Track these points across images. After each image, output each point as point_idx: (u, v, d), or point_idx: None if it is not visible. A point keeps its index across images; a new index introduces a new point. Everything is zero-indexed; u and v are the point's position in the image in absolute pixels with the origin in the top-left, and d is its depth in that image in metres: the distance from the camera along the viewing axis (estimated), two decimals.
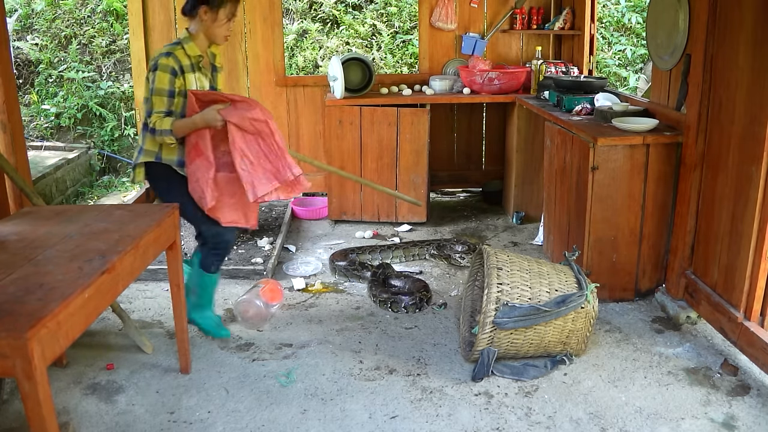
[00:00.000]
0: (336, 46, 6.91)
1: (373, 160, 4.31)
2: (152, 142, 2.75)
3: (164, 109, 2.68)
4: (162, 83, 2.65)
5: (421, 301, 3.22)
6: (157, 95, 2.67)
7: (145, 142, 2.78)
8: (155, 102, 2.67)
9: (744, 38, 2.59)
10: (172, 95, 2.69)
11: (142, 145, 2.79)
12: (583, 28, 4.59)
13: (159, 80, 2.65)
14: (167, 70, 2.66)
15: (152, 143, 2.76)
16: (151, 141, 2.75)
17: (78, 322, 1.74)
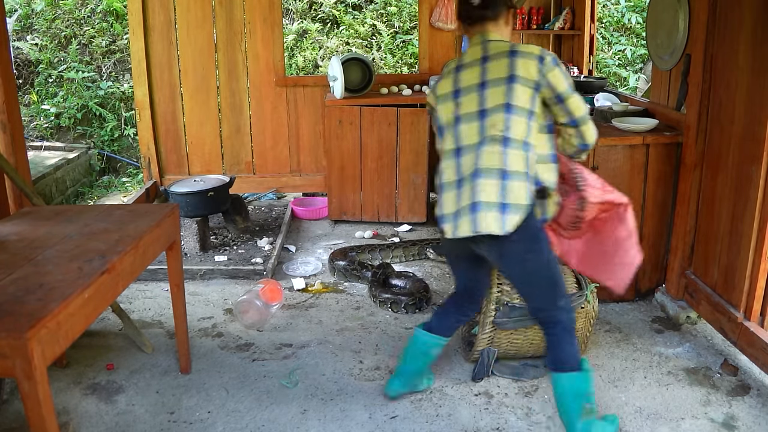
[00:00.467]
0: (336, 46, 6.91)
1: (373, 160, 4.31)
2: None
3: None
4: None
5: (420, 301, 3.22)
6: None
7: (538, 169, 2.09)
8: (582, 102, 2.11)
9: (744, 38, 2.59)
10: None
11: (535, 173, 2.08)
12: (583, 28, 4.59)
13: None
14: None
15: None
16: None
17: (78, 322, 1.74)
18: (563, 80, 2.05)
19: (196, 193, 3.84)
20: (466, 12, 2.15)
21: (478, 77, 2.08)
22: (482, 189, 1.99)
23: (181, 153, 4.83)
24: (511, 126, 2.01)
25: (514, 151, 2.01)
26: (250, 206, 4.70)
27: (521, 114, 2.02)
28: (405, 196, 4.37)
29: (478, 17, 2.13)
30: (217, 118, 4.82)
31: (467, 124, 2.08)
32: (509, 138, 2.00)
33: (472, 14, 2.13)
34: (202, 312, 3.23)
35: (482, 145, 2.02)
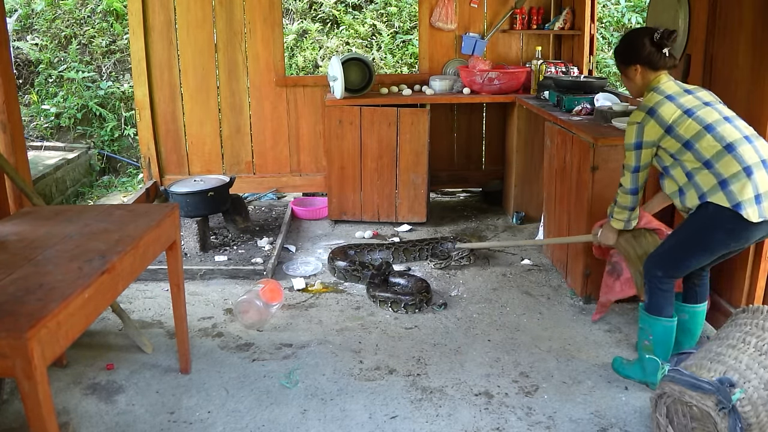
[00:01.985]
0: (336, 46, 6.91)
1: (373, 160, 4.31)
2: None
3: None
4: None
5: (420, 302, 3.21)
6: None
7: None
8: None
9: (744, 38, 2.59)
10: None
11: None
12: (583, 28, 4.59)
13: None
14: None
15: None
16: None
17: (78, 322, 1.74)
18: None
19: (196, 193, 3.84)
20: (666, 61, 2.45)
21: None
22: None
23: (181, 153, 4.83)
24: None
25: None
26: (250, 206, 4.70)
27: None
28: (405, 196, 4.37)
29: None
30: (217, 118, 4.82)
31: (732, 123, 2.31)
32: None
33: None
34: (202, 312, 3.23)
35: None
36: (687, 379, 1.96)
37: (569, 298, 3.35)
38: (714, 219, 2.25)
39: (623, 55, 2.50)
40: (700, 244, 2.35)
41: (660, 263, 2.44)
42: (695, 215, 2.32)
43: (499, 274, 3.67)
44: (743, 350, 2.02)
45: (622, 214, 2.59)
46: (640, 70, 2.45)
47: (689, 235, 2.36)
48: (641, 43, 2.42)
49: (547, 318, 3.15)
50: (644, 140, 2.39)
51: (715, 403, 1.88)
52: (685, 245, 2.38)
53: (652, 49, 2.40)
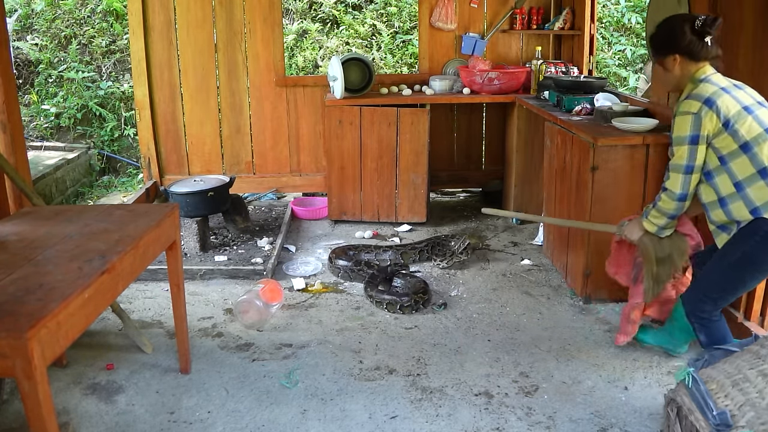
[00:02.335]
0: (336, 46, 6.91)
1: (373, 160, 4.31)
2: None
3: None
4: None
5: (416, 303, 3.21)
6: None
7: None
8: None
9: (744, 40, 2.59)
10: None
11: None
12: (583, 28, 4.59)
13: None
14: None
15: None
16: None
17: (78, 322, 1.74)
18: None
19: (196, 193, 3.84)
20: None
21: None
22: None
23: (181, 153, 4.84)
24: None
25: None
26: (250, 206, 4.70)
27: None
28: (405, 196, 4.37)
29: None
30: (217, 118, 4.82)
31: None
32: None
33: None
34: (202, 312, 3.23)
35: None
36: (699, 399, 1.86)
37: (569, 298, 3.35)
38: (764, 238, 2.06)
39: (661, 43, 2.27)
40: (752, 266, 2.13)
41: (708, 298, 2.25)
42: (745, 235, 2.11)
43: (499, 274, 3.67)
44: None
45: (660, 219, 2.37)
46: (679, 61, 2.23)
47: (738, 259, 2.14)
48: (682, 31, 2.19)
49: (547, 318, 3.15)
50: (701, 134, 2.12)
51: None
52: (735, 270, 2.17)
53: (693, 37, 2.18)
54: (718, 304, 2.25)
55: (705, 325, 2.29)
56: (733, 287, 2.23)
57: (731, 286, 2.22)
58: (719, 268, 2.22)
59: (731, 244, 2.17)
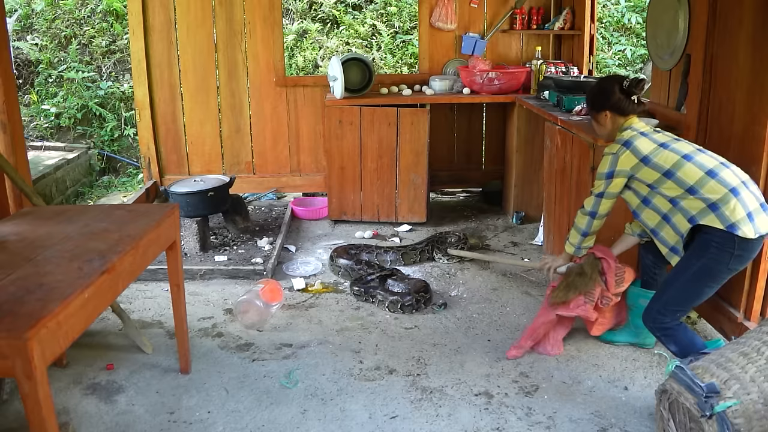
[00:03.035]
0: (336, 46, 6.91)
1: (373, 160, 4.31)
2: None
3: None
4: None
5: (417, 302, 3.21)
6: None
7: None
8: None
9: (744, 38, 2.59)
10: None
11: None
12: (583, 28, 4.59)
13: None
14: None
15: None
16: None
17: (78, 322, 1.74)
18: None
19: (196, 193, 3.84)
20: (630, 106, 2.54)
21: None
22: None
23: (181, 153, 4.83)
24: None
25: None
26: (250, 206, 4.70)
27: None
28: (405, 196, 4.37)
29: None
30: (217, 118, 4.82)
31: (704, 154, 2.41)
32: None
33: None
34: (202, 312, 3.23)
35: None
36: (686, 381, 1.96)
37: None
38: (720, 248, 2.27)
39: (594, 101, 2.62)
40: (710, 277, 2.33)
41: (667, 310, 2.41)
42: (693, 251, 2.34)
43: (499, 274, 3.67)
44: (754, 360, 1.98)
45: (575, 237, 2.69)
46: (609, 116, 2.56)
47: (695, 273, 2.34)
48: (611, 90, 2.53)
49: None
50: (617, 169, 2.48)
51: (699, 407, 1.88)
52: (694, 283, 2.36)
53: (621, 96, 2.52)
54: (677, 316, 2.43)
55: (669, 335, 2.43)
56: (691, 299, 2.43)
57: (690, 299, 2.42)
58: (678, 283, 2.40)
59: (686, 260, 2.38)
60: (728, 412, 1.83)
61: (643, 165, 2.43)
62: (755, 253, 2.33)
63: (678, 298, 2.40)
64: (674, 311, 2.42)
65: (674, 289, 2.41)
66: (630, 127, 2.52)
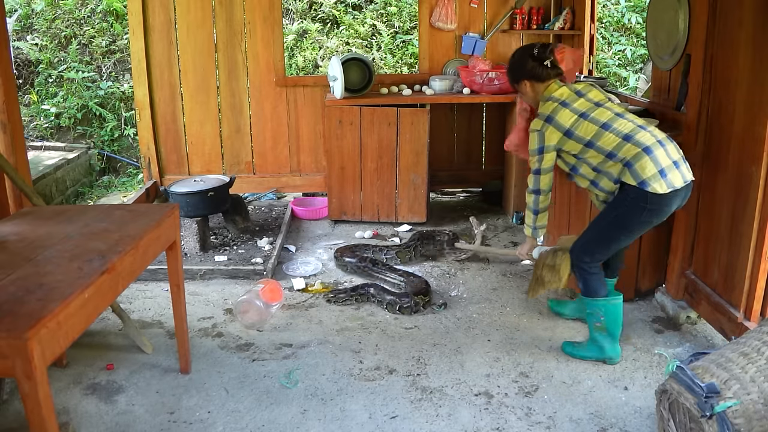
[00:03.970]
0: (336, 46, 6.91)
1: (373, 160, 4.31)
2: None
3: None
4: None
5: (417, 304, 3.20)
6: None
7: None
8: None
9: (744, 38, 2.59)
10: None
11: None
12: (583, 28, 4.59)
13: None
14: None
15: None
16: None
17: (78, 322, 1.74)
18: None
19: (196, 193, 3.84)
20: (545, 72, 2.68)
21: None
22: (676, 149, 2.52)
23: (181, 153, 4.84)
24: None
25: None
26: (250, 206, 4.70)
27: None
28: (405, 196, 4.37)
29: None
30: (217, 118, 4.82)
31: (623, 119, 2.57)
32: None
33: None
34: (202, 312, 3.23)
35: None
36: (686, 381, 1.96)
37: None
38: (634, 202, 2.46)
39: (512, 73, 2.78)
40: (623, 227, 2.55)
41: (587, 250, 2.65)
42: (614, 202, 2.54)
43: (499, 274, 3.67)
44: (754, 360, 1.98)
45: (529, 218, 2.81)
46: (528, 84, 2.71)
47: (611, 220, 2.56)
48: (524, 60, 2.69)
49: (547, 318, 3.15)
50: (545, 145, 2.62)
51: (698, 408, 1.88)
52: (609, 230, 2.59)
53: (534, 63, 2.66)
54: (595, 257, 2.65)
55: (583, 275, 2.68)
56: (606, 244, 2.63)
57: (605, 243, 2.63)
58: (596, 227, 2.64)
59: (607, 208, 2.60)
60: (728, 412, 1.83)
61: (567, 138, 2.58)
62: (671, 207, 2.50)
63: (595, 241, 2.63)
64: (592, 252, 2.63)
65: (592, 232, 2.65)
66: (550, 98, 2.63)
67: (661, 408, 2.08)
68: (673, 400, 2.01)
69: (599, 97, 2.66)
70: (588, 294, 2.68)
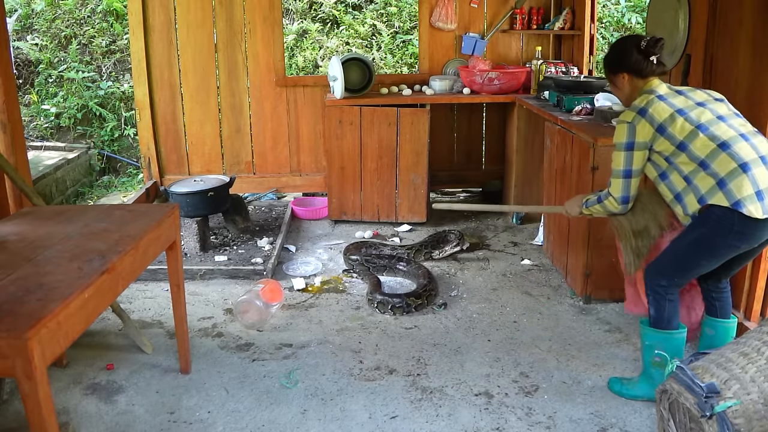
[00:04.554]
0: (336, 46, 6.91)
1: (373, 160, 4.31)
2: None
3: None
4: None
5: (408, 306, 3.19)
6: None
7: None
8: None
9: (744, 38, 2.59)
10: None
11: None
12: (583, 28, 4.59)
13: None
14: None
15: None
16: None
17: (78, 322, 1.74)
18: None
19: (196, 193, 3.84)
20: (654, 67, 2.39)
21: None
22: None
23: (181, 153, 4.84)
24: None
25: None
26: (250, 206, 4.70)
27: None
28: (405, 196, 4.37)
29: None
30: (217, 118, 4.82)
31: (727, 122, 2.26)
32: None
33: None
34: (202, 312, 3.23)
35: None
36: (687, 381, 1.95)
37: (569, 298, 3.35)
38: (719, 221, 2.17)
39: (611, 63, 2.48)
40: (705, 248, 2.24)
41: (663, 271, 2.35)
42: (699, 219, 2.24)
43: (499, 274, 3.67)
44: (754, 360, 1.97)
45: (598, 211, 2.53)
46: (627, 78, 2.42)
47: (693, 240, 2.26)
48: (628, 51, 2.39)
49: (547, 318, 3.15)
50: (636, 140, 2.31)
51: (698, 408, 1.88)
52: (689, 250, 2.28)
53: (638, 56, 2.37)
54: (674, 281, 2.34)
55: (658, 300, 2.36)
56: (686, 267, 2.33)
57: (685, 267, 2.33)
58: (676, 249, 2.33)
59: (690, 228, 2.29)
60: (728, 412, 1.83)
61: (659, 135, 2.27)
62: (765, 235, 2.18)
63: (675, 264, 2.32)
64: (671, 276, 2.33)
65: (674, 253, 2.33)
66: (649, 90, 2.36)
67: (661, 408, 2.08)
68: (673, 400, 2.01)
69: (703, 97, 2.34)
70: (659, 324, 2.36)
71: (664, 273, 2.34)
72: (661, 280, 2.34)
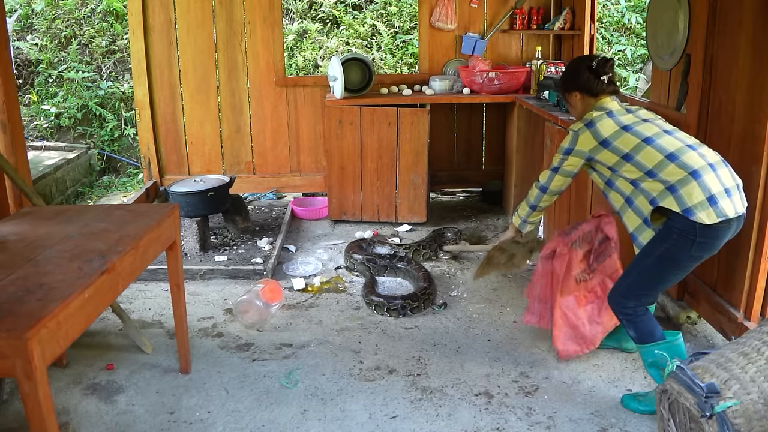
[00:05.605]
0: (336, 46, 6.91)
1: (373, 160, 4.31)
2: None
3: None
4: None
5: (404, 308, 3.18)
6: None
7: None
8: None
9: (744, 38, 2.59)
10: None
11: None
12: (583, 28, 4.59)
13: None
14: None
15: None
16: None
17: (78, 322, 1.74)
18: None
19: (196, 193, 3.84)
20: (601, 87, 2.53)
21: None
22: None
23: (181, 153, 4.84)
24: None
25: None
26: (250, 206, 4.70)
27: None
28: (405, 196, 4.37)
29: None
30: (217, 118, 4.82)
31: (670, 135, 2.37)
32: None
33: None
34: (202, 312, 3.23)
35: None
36: (687, 381, 1.95)
37: None
38: (681, 234, 2.20)
39: (564, 82, 2.63)
40: (670, 263, 2.28)
41: (630, 294, 2.37)
42: (658, 235, 2.28)
43: (499, 274, 3.67)
44: (754, 360, 1.97)
45: (524, 210, 2.71)
46: (579, 96, 2.56)
47: (657, 257, 2.29)
48: (580, 71, 2.53)
49: None
50: (575, 148, 2.47)
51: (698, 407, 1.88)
52: (656, 267, 2.31)
53: (590, 76, 2.51)
54: (642, 300, 2.37)
55: (631, 320, 2.39)
56: (654, 285, 2.37)
57: (653, 284, 2.37)
58: (641, 267, 2.35)
59: (650, 244, 2.32)
60: (728, 412, 1.83)
61: (603, 148, 2.40)
62: (723, 239, 2.25)
63: (641, 283, 2.35)
64: (638, 295, 2.36)
65: (637, 273, 2.36)
66: (600, 107, 2.49)
67: (661, 408, 2.08)
68: (673, 400, 2.01)
69: (648, 115, 2.47)
70: (643, 340, 2.37)
71: (630, 295, 2.37)
72: (628, 303, 2.38)
